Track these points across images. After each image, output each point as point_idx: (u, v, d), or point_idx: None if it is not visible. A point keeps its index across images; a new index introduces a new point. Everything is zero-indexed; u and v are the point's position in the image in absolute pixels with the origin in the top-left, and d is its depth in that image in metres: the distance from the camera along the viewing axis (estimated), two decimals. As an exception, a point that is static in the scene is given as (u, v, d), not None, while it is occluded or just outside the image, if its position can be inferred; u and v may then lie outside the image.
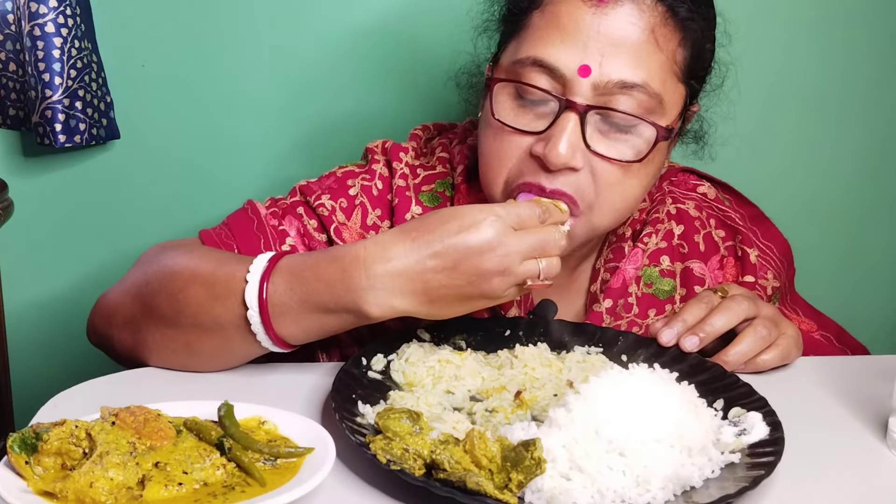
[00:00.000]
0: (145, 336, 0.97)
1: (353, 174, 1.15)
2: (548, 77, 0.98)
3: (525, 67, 0.99)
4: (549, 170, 0.97)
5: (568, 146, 0.96)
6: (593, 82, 0.96)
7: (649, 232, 1.14)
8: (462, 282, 0.86)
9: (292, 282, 0.89)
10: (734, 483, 0.76)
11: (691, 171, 1.23)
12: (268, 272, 0.90)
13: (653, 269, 1.13)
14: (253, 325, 0.90)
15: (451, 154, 1.16)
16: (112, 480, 0.68)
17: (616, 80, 0.96)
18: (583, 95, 0.97)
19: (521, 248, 0.86)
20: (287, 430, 0.78)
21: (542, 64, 0.98)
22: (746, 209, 1.22)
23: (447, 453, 0.74)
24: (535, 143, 0.99)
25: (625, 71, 0.96)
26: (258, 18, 1.49)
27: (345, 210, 1.12)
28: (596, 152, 0.98)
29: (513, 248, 0.86)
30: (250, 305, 0.89)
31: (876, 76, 1.61)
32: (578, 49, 0.96)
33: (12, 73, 1.46)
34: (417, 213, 1.11)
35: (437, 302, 0.87)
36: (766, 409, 0.87)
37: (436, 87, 1.49)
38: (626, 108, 0.97)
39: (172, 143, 1.53)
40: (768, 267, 1.18)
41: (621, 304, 1.11)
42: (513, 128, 1.00)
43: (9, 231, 1.46)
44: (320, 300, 0.88)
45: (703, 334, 0.99)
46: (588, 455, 0.75)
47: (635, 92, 0.97)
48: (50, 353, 1.61)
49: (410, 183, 1.13)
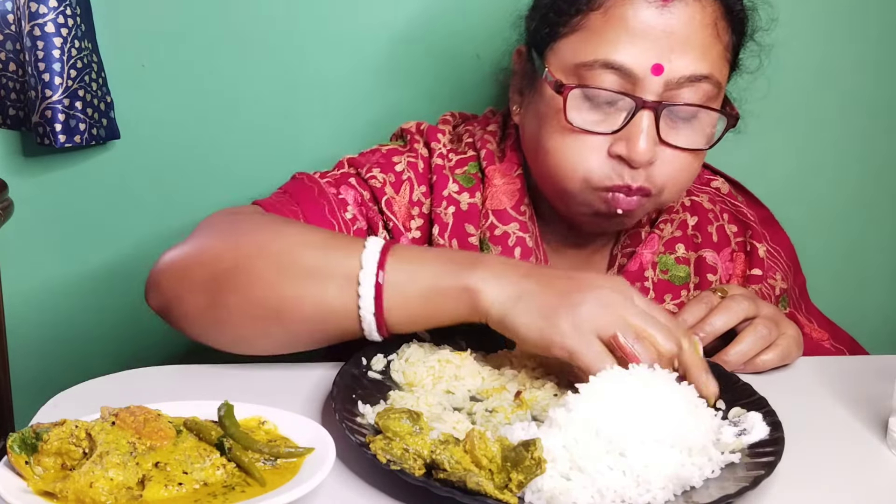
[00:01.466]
0: (227, 298, 0.92)
1: (398, 152, 1.17)
2: (617, 77, 1.01)
3: (594, 70, 1.01)
4: (631, 167, 1.01)
5: (649, 143, 1.00)
6: (665, 79, 1.00)
7: (665, 220, 1.17)
8: (558, 291, 0.85)
9: (408, 265, 0.90)
10: (734, 483, 0.76)
11: (705, 166, 1.25)
12: (385, 251, 0.91)
13: (668, 256, 1.16)
14: (362, 292, 0.89)
15: (474, 139, 1.19)
16: (112, 480, 0.68)
17: (688, 75, 1.00)
18: (654, 92, 1.00)
19: (631, 317, 0.85)
20: (287, 430, 0.78)
21: (613, 66, 1.00)
22: (757, 210, 1.23)
23: (447, 453, 0.74)
24: (612, 143, 1.02)
25: (693, 65, 1.00)
26: (259, 18, 1.49)
27: (393, 185, 1.14)
28: (669, 144, 1.02)
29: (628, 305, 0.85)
30: (365, 265, 0.89)
31: (882, 75, 1.61)
32: (649, 48, 0.99)
33: (12, 73, 1.46)
34: (455, 192, 1.14)
35: (526, 298, 0.86)
36: (766, 409, 0.87)
37: (438, 85, 1.50)
38: (692, 99, 1.01)
39: (173, 144, 1.53)
40: (776, 268, 1.19)
41: (637, 287, 1.13)
42: (587, 130, 1.02)
43: (9, 231, 1.46)
44: (435, 281, 0.89)
45: (703, 334, 1.00)
46: (588, 455, 0.75)
47: (703, 84, 1.01)
48: (50, 353, 1.61)
49: (447, 164, 1.16)
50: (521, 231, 1.12)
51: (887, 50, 1.60)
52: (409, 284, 0.90)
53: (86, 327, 1.59)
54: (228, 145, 1.54)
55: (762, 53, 1.13)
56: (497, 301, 0.87)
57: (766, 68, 1.15)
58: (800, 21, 1.57)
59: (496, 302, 0.87)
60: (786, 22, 1.55)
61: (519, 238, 1.11)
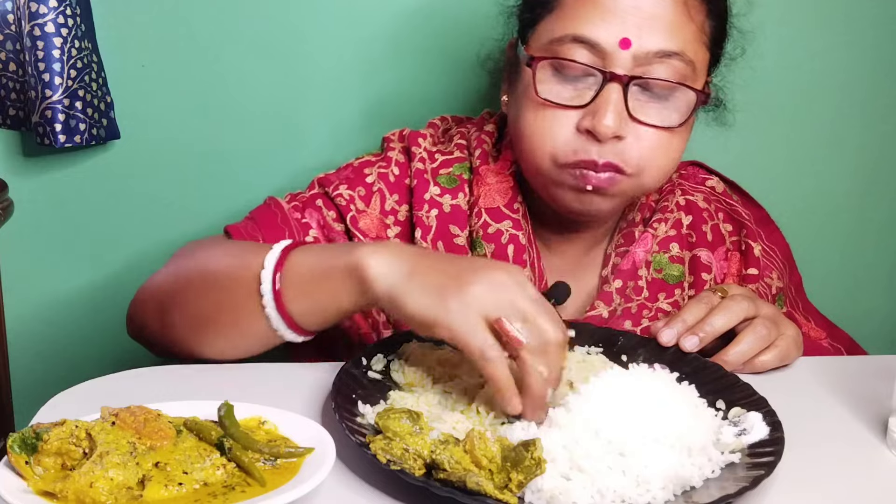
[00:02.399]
0: (172, 318, 0.99)
1: (369, 163, 1.17)
2: (588, 52, 1.02)
3: (564, 45, 1.03)
4: (598, 141, 1.01)
5: (615, 117, 1.00)
6: (633, 53, 1.01)
7: (659, 219, 1.17)
8: (449, 273, 0.84)
9: (305, 253, 0.92)
10: (734, 483, 0.76)
11: (700, 166, 1.24)
12: (287, 249, 0.93)
13: (662, 255, 1.16)
14: (263, 289, 0.91)
15: (468, 140, 1.19)
16: (112, 480, 0.68)
17: (655, 50, 1.01)
18: (623, 67, 1.01)
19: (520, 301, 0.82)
20: (287, 430, 0.78)
21: (582, 40, 1.02)
22: (753, 210, 1.23)
23: (447, 453, 0.74)
24: (581, 117, 1.02)
25: (662, 41, 1.01)
26: (259, 18, 1.49)
27: (363, 198, 1.14)
28: (639, 120, 1.02)
29: (519, 291, 0.83)
30: (266, 265, 0.91)
31: (877, 73, 1.61)
32: (617, 23, 1.01)
33: (12, 73, 1.46)
34: (436, 194, 1.14)
35: (416, 276, 0.85)
36: (766, 409, 0.87)
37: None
38: (664, 76, 1.02)
39: (173, 144, 1.53)
40: (773, 267, 1.19)
41: (631, 285, 1.13)
42: (557, 104, 1.03)
43: (9, 231, 1.46)
44: (327, 263, 0.90)
45: (702, 334, 1.00)
46: (588, 455, 0.75)
47: (673, 60, 1.02)
48: (50, 353, 1.61)
49: (428, 167, 1.16)
50: (514, 229, 1.12)
51: (882, 47, 1.60)
52: (304, 273, 0.91)
53: (86, 327, 1.59)
54: (228, 145, 1.54)
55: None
56: (385, 276, 0.86)
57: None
58: (794, 18, 1.57)
59: (384, 277, 0.86)
60: (781, 18, 1.56)
61: (512, 235, 1.12)
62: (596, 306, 1.12)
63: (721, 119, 1.18)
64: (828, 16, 1.58)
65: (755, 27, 1.15)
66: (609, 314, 1.11)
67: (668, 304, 1.14)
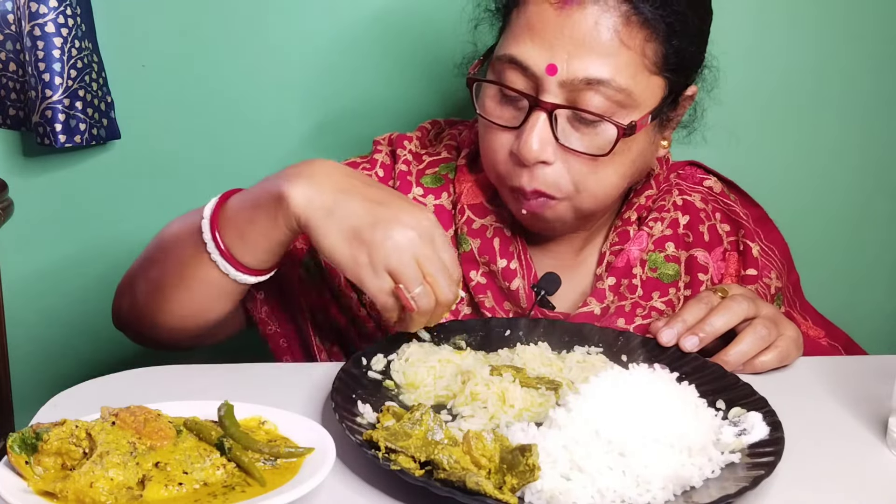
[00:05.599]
0: (135, 292, 1.06)
1: (354, 164, 1.18)
2: (521, 75, 1.02)
3: (503, 65, 1.03)
4: (524, 166, 1.02)
5: (538, 142, 1.00)
6: (560, 80, 0.99)
7: (655, 218, 1.16)
8: (364, 218, 0.90)
9: (240, 196, 0.97)
10: (734, 483, 0.76)
11: (698, 166, 1.24)
12: (225, 196, 0.98)
13: (658, 254, 1.15)
14: (205, 237, 0.95)
15: (458, 141, 1.20)
16: (112, 480, 0.68)
17: (582, 78, 0.99)
18: (552, 93, 1.00)
19: (426, 253, 0.90)
20: (287, 430, 0.78)
21: (516, 62, 1.01)
22: (751, 209, 1.23)
23: (447, 453, 0.74)
24: (513, 141, 1.03)
25: (591, 69, 0.99)
26: (259, 18, 1.49)
27: None
28: (566, 146, 1.02)
29: (425, 249, 0.90)
30: (205, 215, 0.96)
31: (876, 73, 1.61)
32: (545, 49, 1.00)
33: (12, 73, 1.46)
34: (419, 195, 1.15)
35: (334, 215, 0.90)
36: (766, 409, 0.87)
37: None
38: (594, 103, 1.00)
39: (173, 143, 1.53)
40: (771, 266, 1.18)
41: (625, 283, 1.13)
42: (495, 123, 1.04)
43: (9, 231, 1.46)
44: (256, 198, 0.95)
45: (702, 334, 1.00)
46: (588, 455, 0.75)
47: (602, 87, 1.00)
48: (50, 353, 1.61)
49: (413, 168, 1.17)
50: (497, 222, 1.13)
51: (883, 48, 1.60)
52: (238, 213, 0.96)
53: (86, 327, 1.59)
54: (228, 145, 1.54)
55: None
56: (305, 208, 0.91)
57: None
58: (794, 21, 1.57)
59: (304, 209, 0.91)
60: (780, 22, 1.56)
61: (496, 229, 1.12)
62: (588, 303, 1.12)
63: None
64: (829, 18, 1.58)
65: (758, 29, 1.15)
66: (602, 311, 1.11)
67: (663, 303, 1.14)
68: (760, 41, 1.55)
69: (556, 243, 1.16)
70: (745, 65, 1.45)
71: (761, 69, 1.55)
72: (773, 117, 1.61)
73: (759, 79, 1.54)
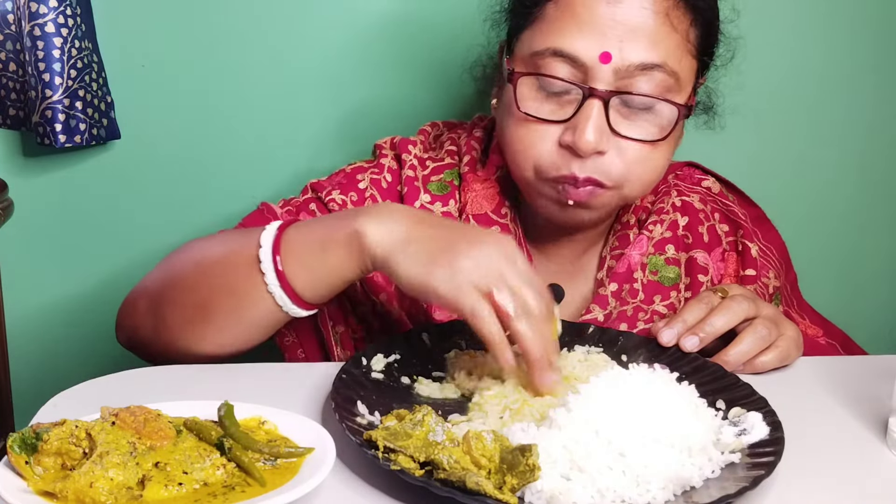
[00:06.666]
0: (165, 316, 0.98)
1: (362, 169, 1.17)
2: (569, 66, 1.01)
3: (545, 58, 1.02)
4: (579, 156, 1.01)
5: (595, 132, 1.00)
6: (614, 67, 1.00)
7: (654, 221, 1.16)
8: (442, 242, 0.87)
9: (302, 228, 0.94)
10: (734, 483, 0.76)
11: (696, 167, 1.24)
12: (284, 226, 0.94)
13: (658, 257, 1.15)
14: (264, 267, 0.91)
15: (458, 146, 1.19)
16: (112, 480, 0.68)
17: (637, 63, 1.00)
18: (604, 81, 1.00)
19: (508, 273, 0.86)
20: (287, 430, 0.78)
21: (562, 54, 1.01)
22: (749, 209, 1.23)
23: (447, 453, 0.74)
24: (562, 132, 1.02)
25: (643, 53, 1.00)
26: (259, 18, 1.49)
27: (355, 203, 1.14)
28: (621, 134, 1.01)
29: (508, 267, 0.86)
30: (263, 244, 0.92)
31: (880, 74, 1.61)
32: (597, 37, 0.99)
33: (12, 73, 1.46)
34: (426, 202, 1.14)
35: (411, 244, 0.88)
36: (766, 409, 0.87)
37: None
38: (645, 89, 1.00)
39: (173, 144, 1.53)
40: (769, 266, 1.18)
41: (627, 288, 1.13)
42: (539, 118, 1.02)
43: (9, 231, 1.46)
44: (325, 234, 0.92)
45: (703, 334, 1.00)
46: (588, 455, 0.75)
47: (655, 72, 1.00)
48: (50, 353, 1.61)
49: (419, 174, 1.16)
50: (502, 233, 1.12)
51: (882, 48, 1.60)
52: (304, 245, 0.92)
53: (86, 327, 1.59)
54: (228, 145, 1.54)
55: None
56: (382, 243, 0.89)
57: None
58: (795, 19, 1.57)
59: (381, 243, 0.89)
60: (781, 20, 1.56)
61: None
62: (591, 310, 1.12)
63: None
64: (830, 17, 1.58)
65: (759, 28, 1.15)
66: (605, 318, 1.11)
67: (664, 307, 1.14)
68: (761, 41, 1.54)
69: (557, 247, 1.16)
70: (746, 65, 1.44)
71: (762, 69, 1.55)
72: (774, 119, 1.61)
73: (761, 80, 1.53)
